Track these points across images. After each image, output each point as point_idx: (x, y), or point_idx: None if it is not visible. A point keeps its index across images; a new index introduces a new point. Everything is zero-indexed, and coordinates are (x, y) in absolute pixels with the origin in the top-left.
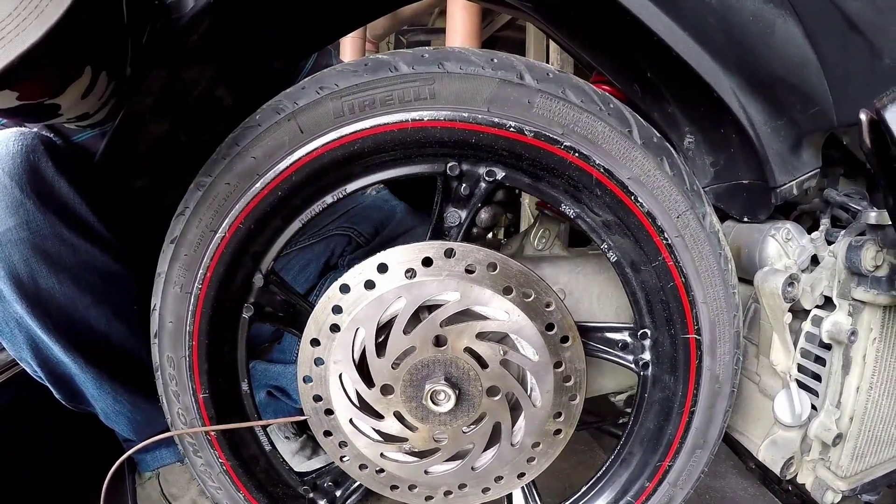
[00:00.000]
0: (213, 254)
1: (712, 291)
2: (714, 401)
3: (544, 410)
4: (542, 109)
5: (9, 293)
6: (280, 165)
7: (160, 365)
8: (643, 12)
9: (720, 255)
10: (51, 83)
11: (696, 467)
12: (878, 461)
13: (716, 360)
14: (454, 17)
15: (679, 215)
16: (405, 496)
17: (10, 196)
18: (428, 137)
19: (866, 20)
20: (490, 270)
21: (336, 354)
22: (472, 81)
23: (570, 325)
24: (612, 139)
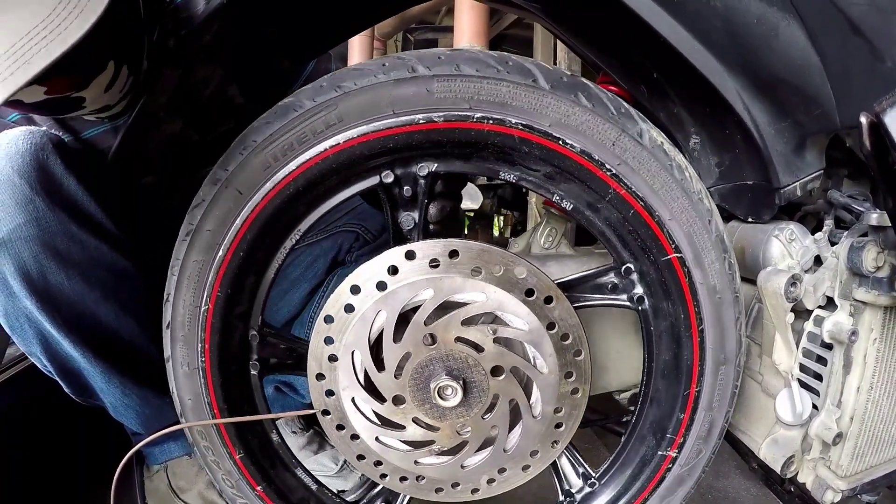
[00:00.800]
0: (204, 325)
1: (677, 205)
2: (719, 312)
3: (553, 374)
4: (442, 93)
5: (19, 289)
6: (233, 229)
7: (195, 441)
8: (648, 14)
9: (671, 166)
10: (77, 77)
11: (726, 386)
12: (879, 461)
13: (705, 271)
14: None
15: (613, 142)
16: (451, 495)
17: (19, 193)
18: (352, 157)
19: (869, 23)
20: (452, 258)
21: (342, 381)
22: (369, 92)
23: (549, 286)
24: (519, 95)
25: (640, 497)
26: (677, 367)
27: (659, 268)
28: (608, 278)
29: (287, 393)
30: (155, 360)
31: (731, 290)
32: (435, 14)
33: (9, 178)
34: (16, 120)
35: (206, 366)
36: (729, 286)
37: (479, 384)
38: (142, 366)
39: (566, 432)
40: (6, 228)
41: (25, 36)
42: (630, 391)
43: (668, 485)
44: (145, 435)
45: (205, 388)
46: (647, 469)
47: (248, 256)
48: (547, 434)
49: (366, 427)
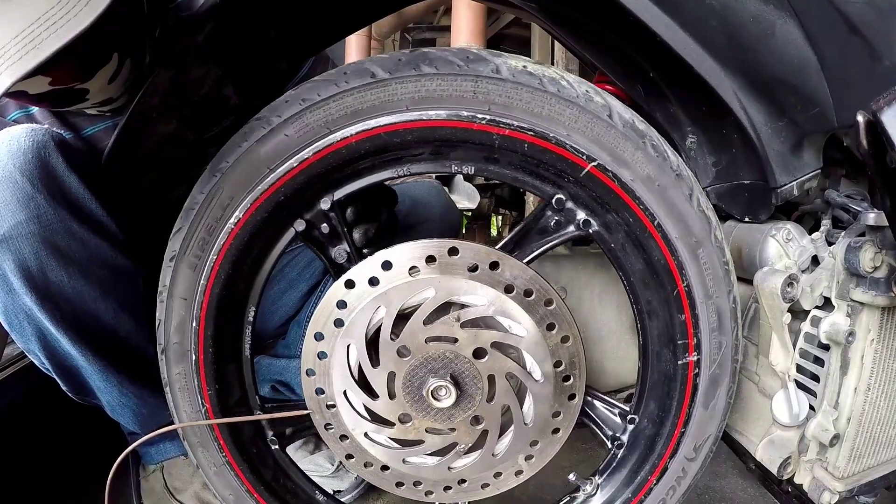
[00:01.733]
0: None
1: (567, 117)
2: (666, 198)
3: (534, 333)
4: (301, 130)
5: (19, 286)
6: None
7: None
8: (645, 14)
9: (541, 84)
10: (83, 68)
11: (713, 267)
12: (876, 462)
13: (630, 166)
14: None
15: (473, 92)
16: (500, 485)
17: (21, 191)
18: (259, 222)
19: (866, 22)
20: (386, 270)
21: (347, 422)
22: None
23: (488, 253)
24: (365, 97)
25: (682, 414)
26: (654, 272)
27: (584, 184)
28: (547, 219)
29: (283, 392)
30: (152, 360)
31: (668, 170)
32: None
33: (10, 175)
34: (17, 118)
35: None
36: (662, 168)
37: (467, 373)
38: (139, 365)
39: (577, 381)
40: (7, 225)
41: (35, 21)
42: (627, 391)
43: (704, 390)
44: (142, 435)
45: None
46: (676, 385)
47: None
48: (559, 391)
49: (388, 454)
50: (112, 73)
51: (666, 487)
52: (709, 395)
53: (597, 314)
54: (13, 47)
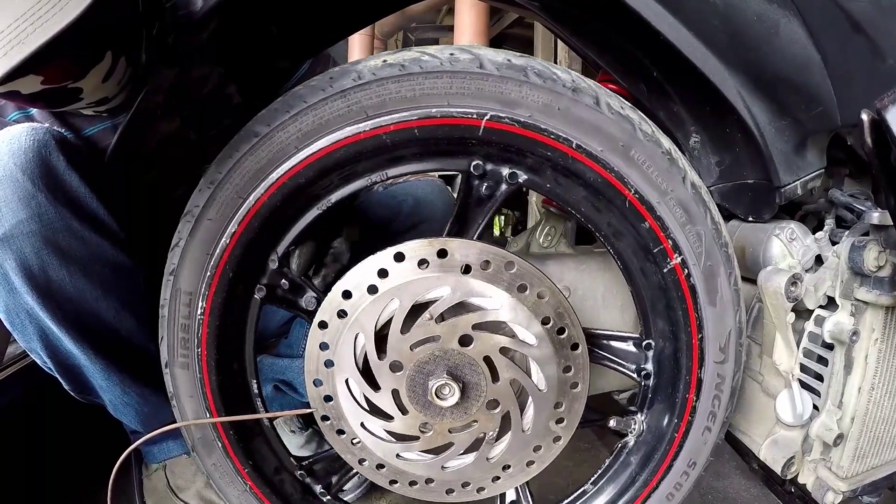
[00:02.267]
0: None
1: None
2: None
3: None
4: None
5: (20, 285)
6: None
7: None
8: (648, 12)
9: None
10: (75, 67)
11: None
12: (880, 462)
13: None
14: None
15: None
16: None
17: (22, 189)
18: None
19: (870, 21)
20: (347, 299)
21: (372, 452)
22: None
23: (430, 243)
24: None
25: (692, 318)
26: (598, 192)
27: (489, 140)
28: (476, 189)
29: (286, 391)
30: (154, 358)
31: (562, 89)
32: (436, 13)
33: (11, 173)
34: (16, 118)
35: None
36: (555, 90)
37: (462, 363)
38: (141, 363)
39: (573, 330)
40: (8, 224)
41: (21, 17)
42: (629, 391)
43: (704, 287)
44: (144, 433)
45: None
46: (673, 293)
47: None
48: (559, 346)
49: (427, 466)
50: (106, 71)
51: (708, 401)
52: (710, 289)
53: (601, 313)
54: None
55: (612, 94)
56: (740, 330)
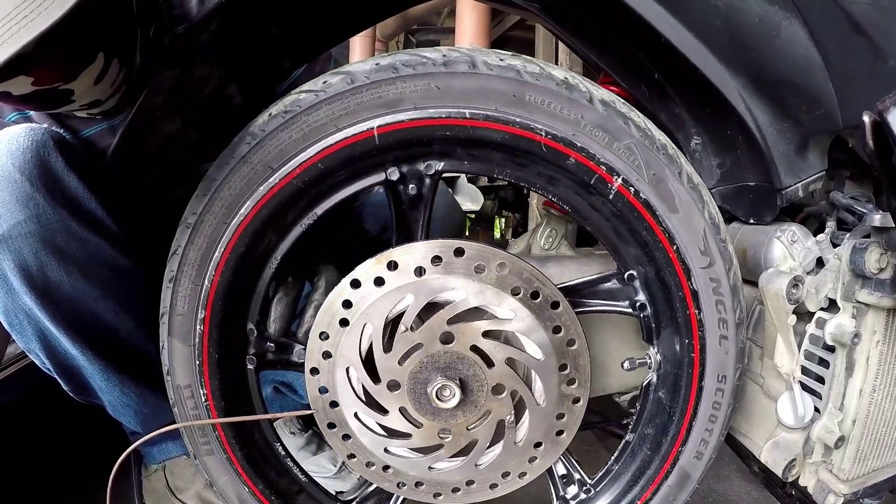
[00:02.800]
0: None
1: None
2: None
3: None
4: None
5: (18, 285)
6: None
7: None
8: (650, 14)
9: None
10: (65, 68)
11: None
12: (881, 465)
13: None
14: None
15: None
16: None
17: (20, 190)
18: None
19: (871, 22)
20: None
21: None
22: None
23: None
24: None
25: (659, 233)
26: (507, 150)
27: (378, 153)
28: (401, 194)
29: (286, 393)
30: (154, 359)
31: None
32: (437, 15)
33: (10, 174)
34: (15, 119)
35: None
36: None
37: (458, 361)
38: (140, 364)
39: (546, 290)
40: (6, 224)
41: (6, 16)
42: (630, 393)
43: (656, 197)
44: (143, 434)
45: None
46: (629, 216)
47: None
48: (539, 311)
49: (459, 470)
50: (97, 73)
51: (712, 309)
52: (665, 197)
53: (601, 316)
54: None
55: (488, 52)
56: (715, 226)
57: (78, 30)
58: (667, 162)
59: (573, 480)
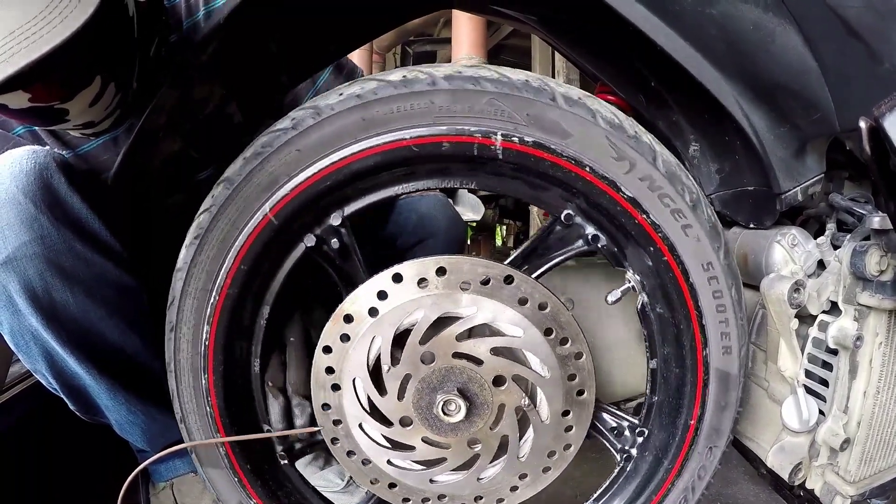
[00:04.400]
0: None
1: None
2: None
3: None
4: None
5: (24, 307)
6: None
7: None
8: (645, 24)
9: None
10: (62, 88)
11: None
12: (887, 465)
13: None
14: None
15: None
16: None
17: (24, 212)
18: None
19: (865, 25)
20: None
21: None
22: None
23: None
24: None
25: (596, 182)
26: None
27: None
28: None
29: None
30: (160, 377)
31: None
32: (433, 26)
33: (14, 197)
34: (21, 134)
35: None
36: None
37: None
38: (147, 383)
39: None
40: (12, 246)
41: (9, 35)
42: (636, 400)
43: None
44: (151, 452)
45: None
46: (525, 176)
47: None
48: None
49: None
50: (94, 96)
51: (658, 210)
52: (550, 128)
53: (604, 324)
54: None
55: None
56: (617, 127)
57: (79, 53)
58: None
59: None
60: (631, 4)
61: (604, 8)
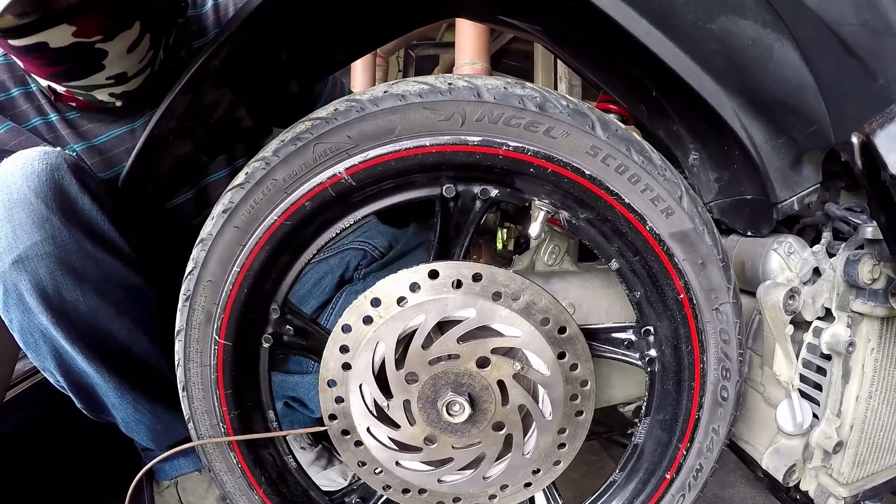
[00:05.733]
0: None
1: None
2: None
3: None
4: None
5: (35, 305)
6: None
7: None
8: (648, 38)
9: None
10: (107, 22)
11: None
12: (880, 468)
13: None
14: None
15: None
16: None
17: (36, 212)
18: None
19: (861, 43)
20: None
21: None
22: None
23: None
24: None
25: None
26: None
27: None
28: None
29: (296, 408)
30: (166, 376)
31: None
32: (436, 30)
33: (25, 197)
34: (35, 126)
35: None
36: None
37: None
38: (153, 381)
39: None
40: (23, 246)
41: None
42: (634, 404)
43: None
44: (156, 450)
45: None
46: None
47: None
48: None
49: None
50: (132, 41)
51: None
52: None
53: None
54: None
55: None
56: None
57: None
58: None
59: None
60: (634, 19)
61: (607, 21)
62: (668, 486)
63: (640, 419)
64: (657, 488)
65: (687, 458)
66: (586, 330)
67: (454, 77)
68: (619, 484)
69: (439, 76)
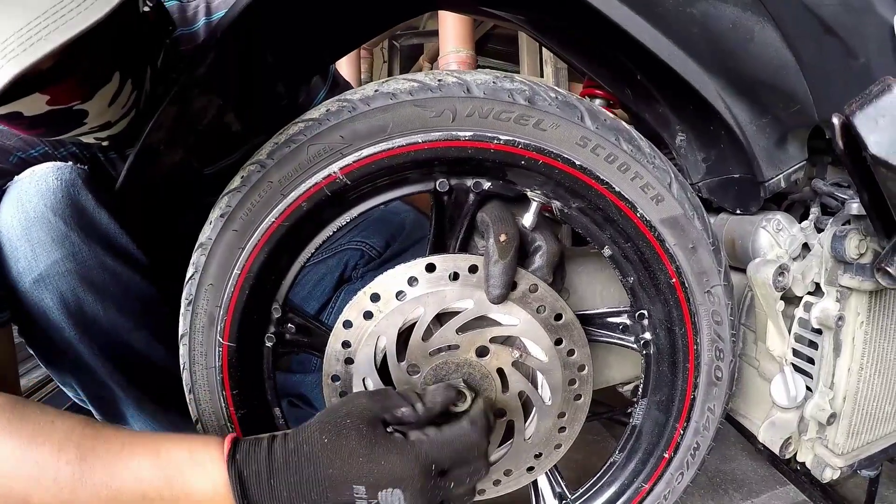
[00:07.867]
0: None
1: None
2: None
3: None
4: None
5: (57, 321)
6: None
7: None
8: (630, 24)
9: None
10: (82, 85)
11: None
12: (874, 437)
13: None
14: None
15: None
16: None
17: (55, 230)
18: None
19: (840, 22)
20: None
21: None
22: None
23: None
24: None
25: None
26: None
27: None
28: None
29: (301, 406)
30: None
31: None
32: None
33: (43, 215)
34: (42, 153)
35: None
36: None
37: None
38: (171, 391)
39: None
40: (43, 265)
41: (41, 15)
42: (633, 383)
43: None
44: None
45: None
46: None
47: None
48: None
49: None
50: (112, 93)
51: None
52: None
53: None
54: (14, 42)
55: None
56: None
57: (100, 45)
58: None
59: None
60: (615, 6)
61: (588, 10)
62: (667, 465)
63: (637, 400)
64: (656, 467)
65: (684, 438)
66: (582, 315)
67: (444, 73)
68: (620, 464)
69: (429, 73)
